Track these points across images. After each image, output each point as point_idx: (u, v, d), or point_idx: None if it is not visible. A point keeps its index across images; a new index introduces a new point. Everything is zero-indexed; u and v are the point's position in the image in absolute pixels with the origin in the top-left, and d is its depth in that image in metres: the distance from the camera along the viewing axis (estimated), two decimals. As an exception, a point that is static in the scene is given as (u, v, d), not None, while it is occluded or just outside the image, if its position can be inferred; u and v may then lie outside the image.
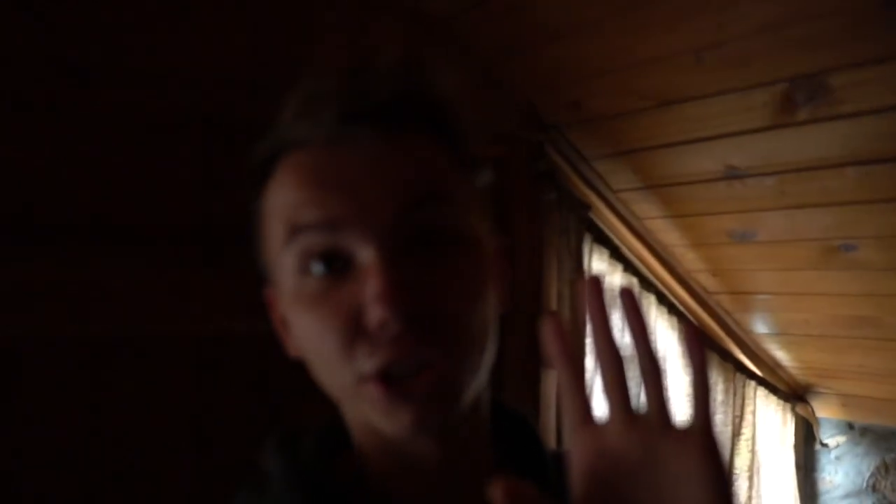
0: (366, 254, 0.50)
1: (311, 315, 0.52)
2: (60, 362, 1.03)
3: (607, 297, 0.50)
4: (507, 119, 1.78)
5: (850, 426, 2.90)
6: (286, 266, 0.53)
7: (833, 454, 2.94)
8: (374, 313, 0.48)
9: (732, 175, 1.76)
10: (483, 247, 0.57)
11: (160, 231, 1.13)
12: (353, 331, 0.50)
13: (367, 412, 0.53)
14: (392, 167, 0.52)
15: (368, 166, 0.52)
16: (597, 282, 0.51)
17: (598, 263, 2.06)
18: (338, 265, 0.51)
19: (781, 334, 2.54)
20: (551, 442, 1.83)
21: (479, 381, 0.55)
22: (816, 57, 1.34)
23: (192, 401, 1.14)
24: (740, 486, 2.60)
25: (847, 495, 2.87)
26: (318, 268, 0.52)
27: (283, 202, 0.54)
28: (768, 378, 2.75)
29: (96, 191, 1.07)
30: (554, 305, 1.87)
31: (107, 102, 1.08)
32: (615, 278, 2.10)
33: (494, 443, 0.64)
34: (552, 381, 1.85)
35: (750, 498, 2.61)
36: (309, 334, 0.53)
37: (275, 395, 1.19)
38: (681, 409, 0.48)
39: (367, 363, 0.50)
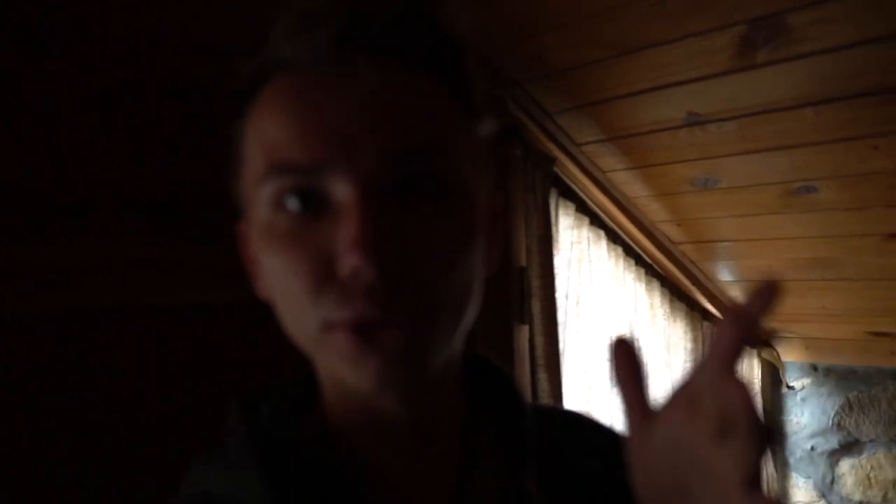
0: (346, 195, 0.47)
1: (280, 254, 0.49)
2: (33, 339, 1.01)
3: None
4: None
5: (814, 368, 2.97)
6: (260, 198, 0.50)
7: (799, 396, 3.02)
8: (348, 260, 0.45)
9: (693, 122, 1.77)
10: (476, 204, 0.53)
11: (128, 203, 1.10)
12: (323, 275, 0.47)
13: (334, 361, 0.49)
14: (388, 106, 0.48)
15: (361, 102, 0.47)
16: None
17: (564, 218, 2.07)
18: (314, 202, 0.48)
19: (745, 281, 2.59)
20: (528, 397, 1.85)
21: (452, 345, 0.53)
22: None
23: (174, 373, 1.13)
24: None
25: (814, 434, 2.95)
26: (293, 203, 0.48)
27: (266, 134, 0.49)
28: (734, 325, 2.80)
29: (64, 164, 1.04)
30: (522, 261, 1.87)
31: (66, 71, 1.04)
32: (582, 232, 2.11)
33: (472, 399, 0.63)
34: (523, 336, 1.86)
35: (721, 442, 2.67)
36: (277, 275, 0.50)
37: (259, 366, 1.19)
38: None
39: (336, 312, 0.47)
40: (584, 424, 0.75)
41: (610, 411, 2.16)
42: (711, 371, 0.43)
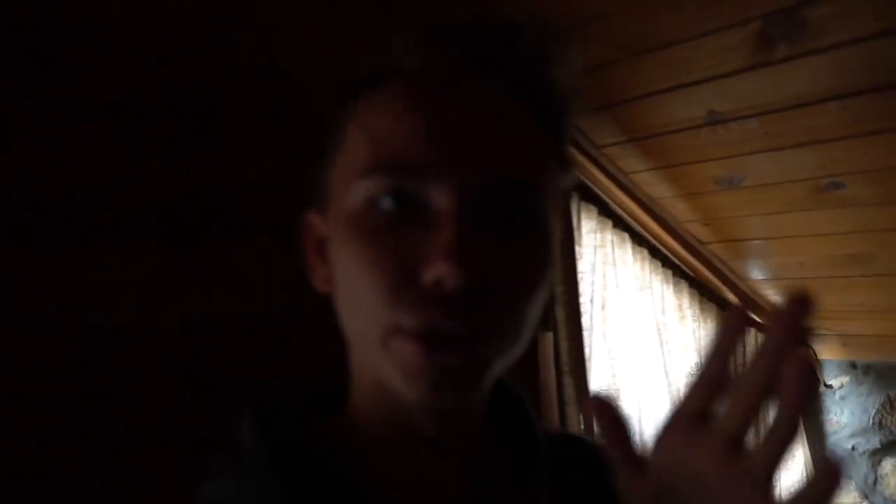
0: (445, 203, 0.47)
1: (363, 250, 0.49)
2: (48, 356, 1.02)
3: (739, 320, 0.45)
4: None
5: (853, 365, 2.91)
6: (358, 191, 0.50)
7: (838, 395, 2.96)
8: (435, 266, 0.45)
9: (715, 120, 1.74)
10: (553, 244, 0.54)
11: (129, 219, 1.11)
12: (403, 278, 0.47)
13: (387, 368, 0.50)
14: (502, 132, 0.50)
15: (480, 120, 0.50)
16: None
17: (587, 222, 2.05)
18: (409, 205, 0.49)
19: (777, 279, 2.54)
20: (553, 413, 1.83)
21: (498, 371, 0.53)
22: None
23: (181, 386, 1.14)
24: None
25: (854, 434, 2.89)
26: (388, 202, 0.49)
27: (378, 130, 0.50)
28: (768, 324, 2.75)
29: (65, 180, 1.05)
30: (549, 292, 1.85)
31: (69, 87, 1.05)
32: (605, 235, 2.09)
33: (487, 419, 0.63)
34: (548, 342, 1.84)
35: (757, 444, 2.62)
36: (353, 270, 0.50)
37: (263, 378, 1.18)
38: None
39: (409, 317, 0.47)
40: (593, 453, 0.74)
41: (638, 416, 2.13)
42: (754, 377, 0.42)
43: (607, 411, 0.48)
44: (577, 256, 1.97)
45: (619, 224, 2.16)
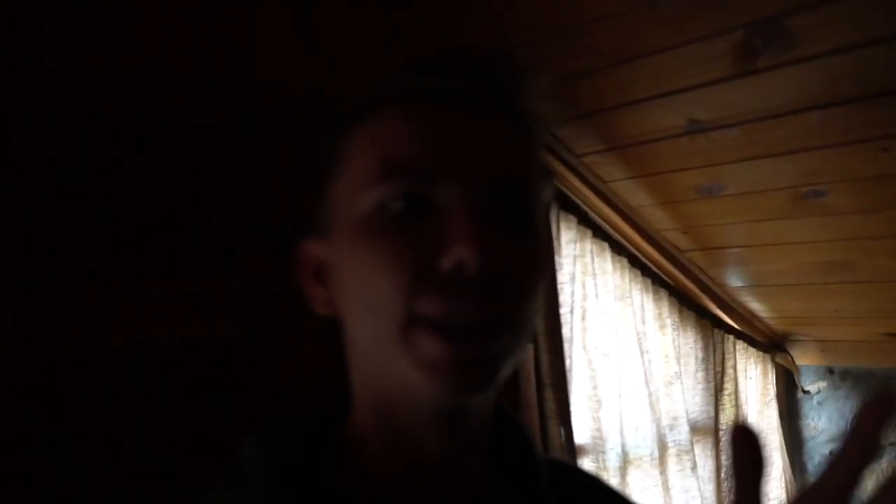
0: (456, 200, 0.50)
1: (379, 247, 0.51)
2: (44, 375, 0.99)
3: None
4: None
5: (830, 371, 2.91)
6: (366, 199, 0.52)
7: (815, 400, 2.96)
8: (456, 251, 0.48)
9: (695, 129, 1.72)
10: (546, 249, 0.57)
11: (128, 237, 1.09)
12: (422, 267, 0.49)
13: (405, 367, 0.50)
14: (499, 139, 0.54)
15: (479, 132, 0.53)
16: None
17: (566, 232, 2.02)
18: (418, 205, 0.51)
19: (756, 286, 2.53)
20: (533, 427, 1.80)
21: (510, 370, 0.54)
22: (771, 0, 1.29)
23: (174, 406, 1.11)
24: (727, 441, 2.59)
25: (832, 439, 2.89)
26: (398, 204, 0.51)
27: (384, 144, 0.53)
28: (746, 331, 2.75)
29: (54, 200, 1.03)
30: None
31: (58, 104, 1.03)
32: (585, 245, 2.06)
33: (487, 442, 0.63)
34: (528, 355, 1.81)
35: (737, 452, 2.61)
36: (369, 268, 0.51)
37: (255, 398, 1.16)
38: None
39: (431, 304, 0.49)
40: (590, 479, 0.76)
41: (618, 430, 2.10)
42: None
43: (749, 446, 0.43)
44: (557, 267, 1.95)
45: (599, 233, 2.13)
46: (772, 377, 2.90)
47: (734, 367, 2.65)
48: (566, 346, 1.91)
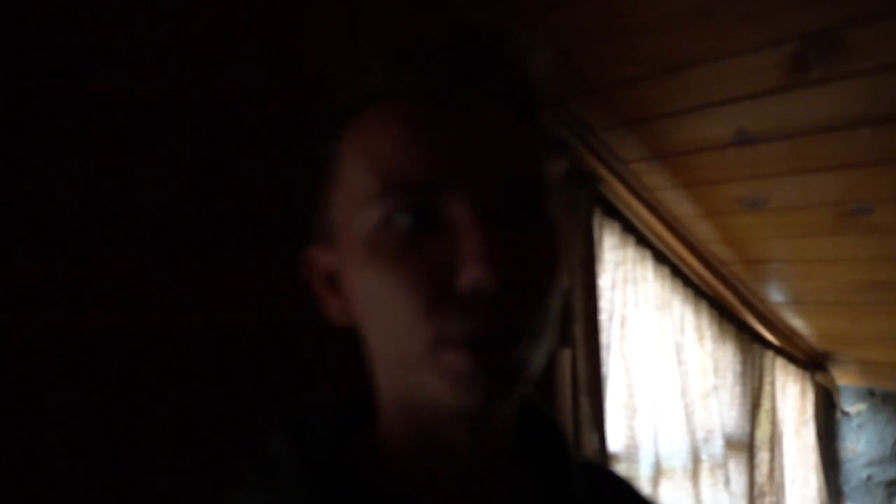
0: (463, 213, 0.48)
1: (390, 268, 0.49)
2: (59, 362, 1.02)
3: None
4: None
5: (871, 393, 2.86)
6: (367, 217, 0.50)
7: (855, 422, 2.91)
8: (470, 273, 0.46)
9: (743, 140, 1.72)
10: (560, 233, 0.55)
11: (150, 225, 1.10)
12: (439, 290, 0.47)
13: (433, 382, 0.49)
14: (501, 138, 0.52)
15: (478, 131, 0.51)
16: None
17: (608, 238, 2.03)
18: (425, 220, 0.49)
19: (797, 302, 2.50)
20: (567, 432, 1.81)
21: (537, 372, 0.53)
22: (828, 11, 1.29)
23: (191, 395, 1.13)
24: (761, 458, 2.57)
25: (870, 463, 2.84)
26: (403, 220, 0.49)
27: (380, 156, 0.51)
28: (786, 347, 2.72)
29: (81, 185, 1.05)
30: (565, 283, 1.83)
31: (90, 90, 1.05)
32: (627, 252, 2.07)
33: (515, 438, 0.62)
34: (565, 359, 1.82)
35: (772, 469, 2.59)
36: (385, 290, 0.49)
37: (276, 388, 1.17)
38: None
39: (454, 326, 0.47)
40: (621, 482, 0.75)
41: (652, 439, 2.10)
42: None
43: None
44: (598, 273, 1.95)
45: (642, 241, 2.14)
46: (810, 396, 2.85)
47: (772, 384, 2.62)
48: (604, 352, 1.92)
